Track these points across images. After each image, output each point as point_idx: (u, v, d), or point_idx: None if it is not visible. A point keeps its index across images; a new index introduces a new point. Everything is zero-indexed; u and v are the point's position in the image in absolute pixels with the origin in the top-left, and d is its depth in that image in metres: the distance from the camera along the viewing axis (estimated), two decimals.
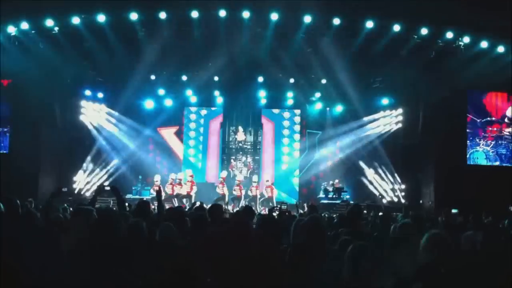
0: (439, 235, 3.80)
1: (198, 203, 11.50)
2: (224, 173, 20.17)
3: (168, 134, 22.36)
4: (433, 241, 3.69)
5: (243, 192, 19.49)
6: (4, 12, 15.63)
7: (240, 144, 22.38)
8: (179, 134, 22.49)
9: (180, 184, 19.29)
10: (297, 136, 22.45)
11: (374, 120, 21.49)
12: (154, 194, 18.97)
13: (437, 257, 3.56)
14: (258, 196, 19.27)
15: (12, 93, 18.18)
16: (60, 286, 3.54)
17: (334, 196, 20.00)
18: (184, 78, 20.44)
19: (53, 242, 4.49)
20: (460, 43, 17.68)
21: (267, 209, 16.70)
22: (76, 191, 19.89)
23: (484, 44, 17.55)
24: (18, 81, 17.94)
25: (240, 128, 22.32)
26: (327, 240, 5.20)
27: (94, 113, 21.08)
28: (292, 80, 20.54)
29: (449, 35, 17.43)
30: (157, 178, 19.40)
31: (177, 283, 4.07)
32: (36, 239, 4.40)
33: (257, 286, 4.54)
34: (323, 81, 20.19)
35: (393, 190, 20.79)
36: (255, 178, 20.32)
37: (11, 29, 17.01)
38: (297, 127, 22.49)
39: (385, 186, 21.02)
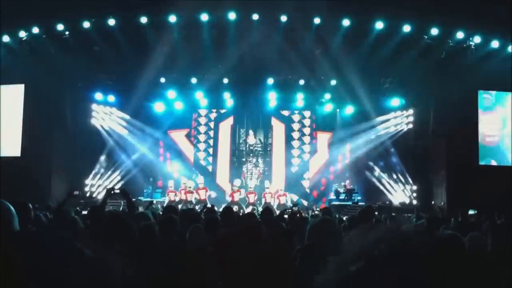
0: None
1: (209, 205, 11.47)
2: (237, 182, 20.08)
3: (178, 137, 22.39)
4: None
5: (256, 198, 19.38)
6: (15, 17, 15.78)
7: (251, 147, 22.34)
8: (189, 137, 22.51)
9: (191, 192, 19.33)
10: (307, 138, 22.37)
11: (385, 121, 21.38)
12: (167, 198, 19.09)
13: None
14: (272, 203, 19.06)
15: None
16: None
17: (345, 197, 19.90)
18: (194, 80, 20.47)
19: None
20: (471, 43, 17.62)
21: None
22: (87, 194, 20.00)
23: (495, 44, 17.47)
24: (29, 85, 18.08)
25: (251, 132, 22.22)
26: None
27: (105, 117, 21.20)
28: (302, 82, 20.51)
29: (460, 35, 17.37)
30: (170, 184, 19.53)
31: (190, 285, 4.08)
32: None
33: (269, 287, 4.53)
34: (333, 82, 20.13)
35: (404, 191, 20.69)
36: (267, 184, 20.18)
37: (22, 34, 17.19)
38: (307, 129, 22.41)
39: (396, 187, 20.91)
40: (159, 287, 3.72)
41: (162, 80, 20.33)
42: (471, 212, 12.62)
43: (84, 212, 10.94)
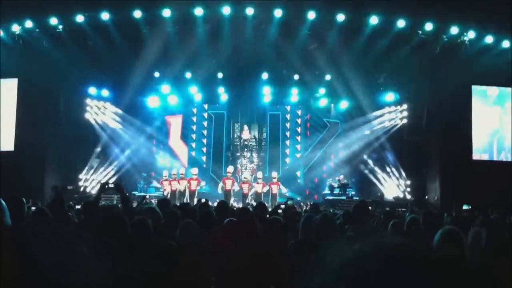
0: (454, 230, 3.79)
1: (203, 200, 11.42)
2: (230, 168, 19.99)
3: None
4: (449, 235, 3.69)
5: (250, 189, 19.33)
6: (8, 11, 15.67)
7: (246, 142, 22.32)
8: (183, 132, 22.49)
9: (184, 179, 19.22)
10: (301, 132, 22.40)
11: (379, 116, 21.41)
12: (162, 190, 19.06)
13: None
14: (263, 193, 19.03)
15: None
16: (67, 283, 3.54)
17: (339, 192, 19.93)
18: (188, 75, 20.44)
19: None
20: (465, 38, 17.65)
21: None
22: (81, 189, 19.95)
23: (489, 39, 17.51)
24: (23, 80, 17.98)
25: (245, 127, 22.25)
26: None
27: (98, 111, 21.12)
28: (296, 77, 20.48)
29: (454, 30, 17.39)
30: (165, 173, 19.50)
31: (184, 280, 4.07)
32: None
33: (263, 282, 4.54)
34: (328, 77, 20.14)
35: (398, 185, 20.75)
36: (259, 174, 20.15)
37: (15, 28, 17.09)
38: (301, 124, 22.43)
39: (390, 182, 20.97)
40: (152, 282, 3.72)
41: (156, 74, 20.30)
42: (464, 207, 12.67)
43: (78, 207, 10.91)
